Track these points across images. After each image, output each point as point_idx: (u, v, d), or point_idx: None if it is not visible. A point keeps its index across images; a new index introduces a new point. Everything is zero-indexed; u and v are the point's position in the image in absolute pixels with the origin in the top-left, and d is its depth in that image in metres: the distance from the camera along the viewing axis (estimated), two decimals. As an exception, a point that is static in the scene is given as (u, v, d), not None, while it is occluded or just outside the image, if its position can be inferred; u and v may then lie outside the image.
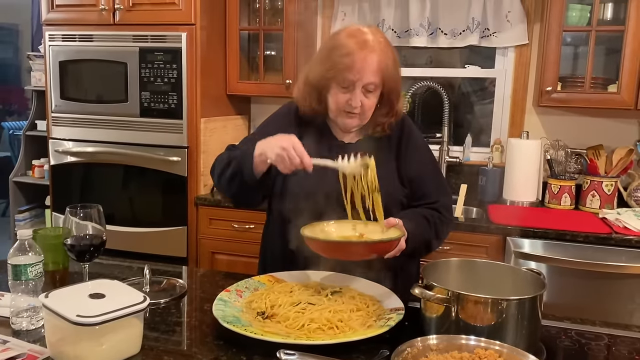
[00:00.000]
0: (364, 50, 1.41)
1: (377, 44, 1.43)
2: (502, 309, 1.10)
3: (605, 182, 2.62)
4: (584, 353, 1.18)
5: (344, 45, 1.43)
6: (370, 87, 1.44)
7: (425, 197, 1.57)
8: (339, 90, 1.46)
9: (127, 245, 2.76)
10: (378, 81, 1.44)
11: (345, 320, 1.19)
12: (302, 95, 1.55)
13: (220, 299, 1.29)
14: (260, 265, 1.69)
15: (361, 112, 1.47)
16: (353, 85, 1.43)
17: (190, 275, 1.66)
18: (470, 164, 2.93)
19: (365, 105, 1.46)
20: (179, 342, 1.18)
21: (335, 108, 1.49)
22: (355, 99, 1.44)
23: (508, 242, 2.33)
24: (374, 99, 1.48)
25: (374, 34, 1.45)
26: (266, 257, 1.67)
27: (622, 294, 2.20)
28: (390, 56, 1.46)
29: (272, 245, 1.64)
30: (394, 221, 1.37)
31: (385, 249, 1.32)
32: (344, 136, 1.58)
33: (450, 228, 1.60)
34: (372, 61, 1.41)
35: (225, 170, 1.49)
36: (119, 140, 2.78)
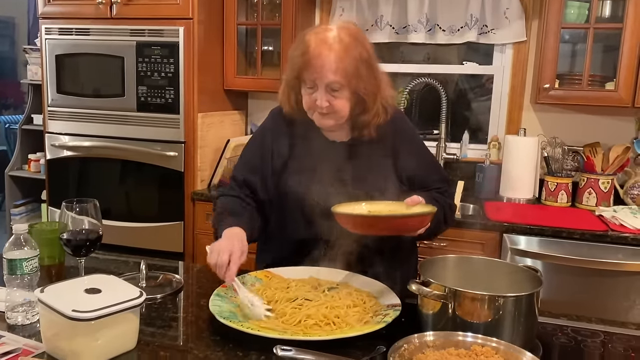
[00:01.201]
0: (321, 47, 1.38)
1: (338, 42, 1.38)
2: (499, 306, 1.10)
3: (602, 179, 2.62)
4: (580, 350, 1.18)
5: (303, 44, 1.41)
6: (334, 86, 1.40)
7: (428, 187, 1.58)
8: (306, 90, 1.45)
9: (124, 240, 2.75)
10: (341, 80, 1.39)
11: (342, 316, 1.19)
12: (284, 97, 1.55)
13: (217, 295, 1.29)
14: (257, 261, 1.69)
15: (331, 112, 1.44)
16: (315, 85, 1.41)
17: (186, 271, 1.66)
18: (467, 161, 2.93)
19: (335, 105, 1.42)
20: (175, 338, 1.17)
21: (307, 108, 1.48)
22: (321, 98, 1.41)
23: (504, 238, 2.33)
24: (342, 98, 1.42)
25: (339, 31, 1.40)
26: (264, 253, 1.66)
27: (618, 291, 2.21)
28: (355, 55, 1.39)
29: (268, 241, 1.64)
30: (418, 199, 1.36)
31: (418, 223, 1.33)
32: (333, 135, 1.56)
33: (453, 214, 1.61)
34: (330, 59, 1.37)
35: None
36: (115, 134, 2.77)
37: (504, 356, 1.01)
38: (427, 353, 1.03)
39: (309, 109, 1.47)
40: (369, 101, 1.45)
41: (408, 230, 1.35)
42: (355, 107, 1.45)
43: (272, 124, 1.63)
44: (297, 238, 1.52)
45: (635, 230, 2.24)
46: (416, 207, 1.36)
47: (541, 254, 2.26)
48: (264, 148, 1.59)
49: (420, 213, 1.31)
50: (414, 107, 3.17)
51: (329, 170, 1.51)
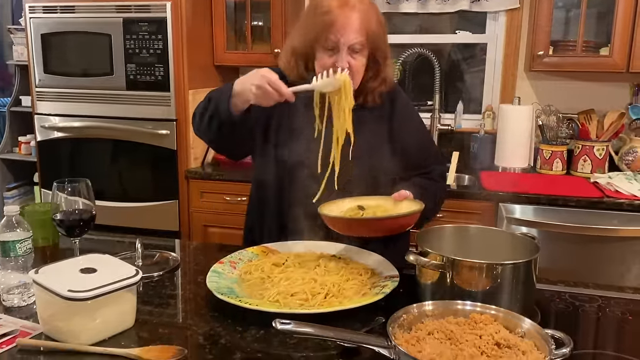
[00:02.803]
0: (345, 8, 1.39)
1: (359, 3, 1.40)
2: (497, 274, 1.09)
3: (597, 146, 2.62)
4: (578, 315, 1.19)
5: (323, 5, 1.40)
6: (356, 47, 1.41)
7: (420, 167, 1.57)
8: (324, 53, 1.43)
9: (119, 221, 2.74)
10: (363, 40, 1.40)
11: (339, 289, 1.18)
12: (290, 65, 1.51)
13: (214, 271, 1.28)
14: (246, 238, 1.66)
15: (350, 75, 1.43)
16: (337, 46, 1.40)
17: (183, 249, 1.65)
18: (461, 132, 2.92)
19: (353, 67, 1.42)
20: (174, 315, 1.17)
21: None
22: (342, 60, 1.40)
23: (500, 208, 2.33)
24: (362, 59, 1.44)
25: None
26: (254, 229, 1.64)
27: (613, 257, 2.22)
28: (374, 15, 1.43)
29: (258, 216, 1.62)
30: (406, 193, 1.36)
31: (408, 222, 1.33)
32: None
33: (445, 195, 1.60)
34: (354, 19, 1.38)
35: (204, 112, 1.45)
36: (105, 114, 2.74)
37: (502, 323, 1.01)
38: (426, 322, 1.02)
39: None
40: (381, 65, 1.48)
41: (396, 229, 1.34)
42: (368, 72, 1.48)
43: None
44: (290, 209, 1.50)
45: (630, 196, 2.25)
46: (404, 203, 1.36)
47: (537, 222, 2.26)
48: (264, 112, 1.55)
49: (408, 213, 1.31)
50: (407, 78, 3.14)
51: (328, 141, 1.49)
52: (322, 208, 1.34)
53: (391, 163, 1.53)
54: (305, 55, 1.47)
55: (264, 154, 1.54)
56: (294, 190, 1.46)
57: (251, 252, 1.42)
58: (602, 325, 1.16)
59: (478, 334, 0.99)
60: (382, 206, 1.39)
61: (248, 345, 1.03)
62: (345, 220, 1.31)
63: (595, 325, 1.16)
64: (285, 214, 1.51)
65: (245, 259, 1.38)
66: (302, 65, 1.49)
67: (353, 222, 1.30)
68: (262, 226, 1.60)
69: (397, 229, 1.33)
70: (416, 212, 1.30)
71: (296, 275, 1.24)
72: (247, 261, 1.37)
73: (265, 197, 1.58)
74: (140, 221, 2.75)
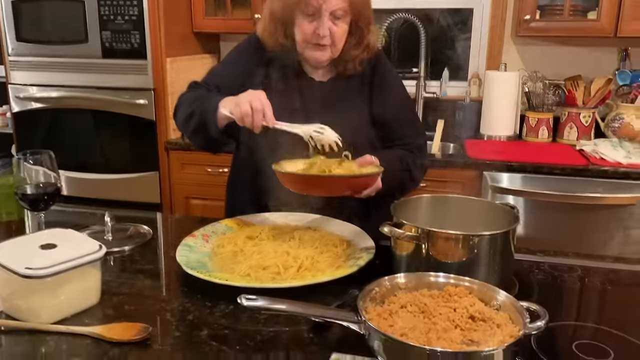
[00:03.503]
0: None
1: None
2: (473, 245, 1.06)
3: (583, 113, 2.58)
4: (556, 285, 1.16)
5: None
6: (338, 13, 1.35)
7: (399, 139, 1.51)
8: (305, 19, 1.37)
9: (98, 193, 2.70)
10: (346, 6, 1.34)
11: (312, 262, 1.15)
12: (268, 32, 1.45)
13: (186, 245, 1.24)
14: (227, 210, 1.64)
15: (331, 42, 1.38)
16: (319, 12, 1.34)
17: (159, 222, 1.60)
18: (447, 99, 2.87)
19: (335, 34, 1.37)
20: (142, 290, 1.13)
21: (302, 40, 1.40)
22: (323, 27, 1.34)
23: (485, 177, 2.30)
24: (343, 26, 1.38)
25: None
26: (234, 200, 1.61)
27: (598, 225, 2.21)
28: None
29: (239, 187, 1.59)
30: (370, 158, 1.31)
31: (362, 184, 1.27)
32: (315, 73, 1.50)
33: (424, 170, 1.55)
34: None
35: (189, 121, 1.38)
36: (81, 83, 2.65)
37: (477, 295, 0.99)
38: (400, 295, 1.00)
39: (305, 40, 1.39)
40: (365, 32, 1.42)
41: (350, 191, 1.28)
42: (350, 39, 1.42)
43: (248, 52, 1.52)
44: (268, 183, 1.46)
45: (615, 163, 2.23)
46: (367, 168, 1.30)
47: (522, 190, 2.24)
48: (236, 74, 1.49)
49: (360, 174, 1.26)
50: (392, 45, 3.06)
51: (307, 111, 1.44)
52: (277, 165, 1.28)
53: (369, 132, 1.49)
54: (285, 21, 1.41)
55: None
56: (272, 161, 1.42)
57: (225, 224, 1.38)
58: (581, 296, 1.14)
59: (452, 306, 0.96)
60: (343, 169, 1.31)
61: (216, 321, 1.00)
62: (295, 176, 1.24)
63: (574, 296, 1.14)
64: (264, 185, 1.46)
65: (219, 231, 1.34)
66: (282, 32, 1.43)
67: (302, 179, 1.24)
68: (242, 198, 1.57)
69: (352, 190, 1.27)
70: (371, 174, 1.25)
71: (269, 248, 1.20)
72: (221, 234, 1.33)
73: (244, 168, 1.54)
74: (120, 193, 2.70)
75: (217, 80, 1.50)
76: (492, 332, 0.90)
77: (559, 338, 0.98)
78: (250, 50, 1.52)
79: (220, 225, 1.37)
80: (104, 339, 0.93)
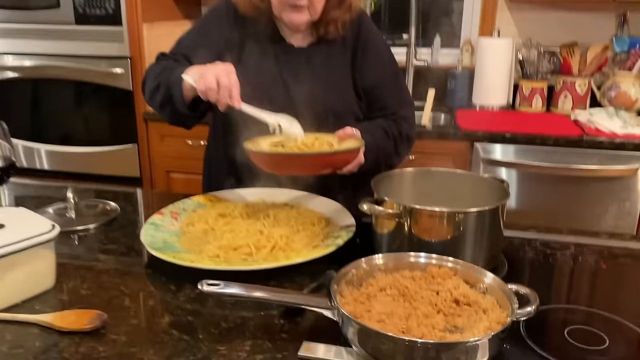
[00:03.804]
0: None
1: None
2: (459, 222, 0.98)
3: (579, 81, 2.49)
4: (548, 265, 1.09)
5: None
6: None
7: (384, 109, 1.41)
8: None
9: (75, 166, 2.60)
10: None
11: (288, 242, 1.07)
12: None
13: (152, 223, 1.16)
14: (204, 184, 1.56)
15: (309, 3, 1.27)
16: None
17: (138, 197, 1.50)
18: (438, 68, 2.76)
19: None
20: (102, 273, 1.04)
21: (278, 1, 1.29)
22: None
23: (476, 148, 2.21)
24: None
25: None
26: (211, 175, 1.53)
27: (591, 198, 2.14)
28: None
29: (216, 161, 1.50)
30: (350, 131, 1.22)
31: (343, 160, 1.17)
32: (293, 38, 1.39)
33: (411, 143, 1.45)
34: None
35: (155, 95, 1.30)
36: (54, 52, 2.52)
37: (462, 277, 0.91)
38: (379, 277, 0.92)
39: (281, 2, 1.29)
40: None
41: (329, 167, 1.17)
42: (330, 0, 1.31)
43: (220, 17, 1.41)
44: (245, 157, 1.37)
45: (610, 134, 2.14)
46: (347, 141, 1.21)
47: (514, 162, 2.16)
48: (207, 42, 1.39)
49: (340, 150, 1.15)
50: (382, 9, 2.93)
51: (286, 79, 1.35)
52: (250, 142, 1.18)
53: (352, 102, 1.39)
54: None
55: None
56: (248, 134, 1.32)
57: (196, 201, 1.29)
58: (574, 277, 1.07)
59: (435, 289, 0.89)
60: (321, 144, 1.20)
61: (180, 307, 0.92)
62: (267, 156, 1.13)
63: (566, 277, 1.07)
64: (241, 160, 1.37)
65: (190, 209, 1.25)
66: None
67: (275, 158, 1.12)
68: (218, 173, 1.48)
69: (332, 167, 1.17)
70: (351, 150, 1.15)
71: (242, 226, 1.12)
72: (191, 211, 1.24)
73: (219, 142, 1.45)
74: (98, 167, 2.60)
75: (186, 50, 1.40)
76: (477, 317, 0.83)
77: (550, 323, 0.91)
78: (222, 14, 1.40)
79: (191, 202, 1.28)
80: (53, 327, 0.85)
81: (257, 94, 1.32)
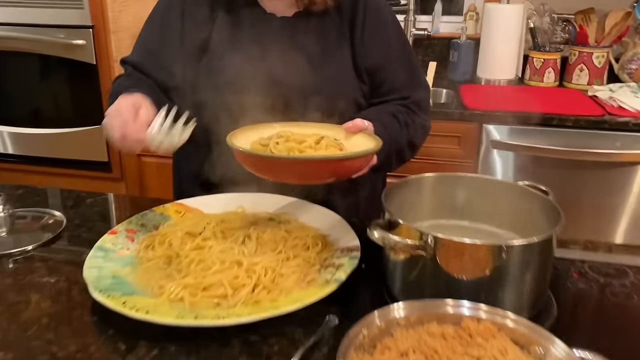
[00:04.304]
0: None
1: None
2: (499, 257, 0.74)
3: (596, 53, 2.24)
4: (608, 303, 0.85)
5: None
6: None
7: (393, 92, 1.16)
8: None
9: (36, 150, 2.32)
10: None
11: (275, 278, 0.82)
12: None
13: (101, 248, 0.91)
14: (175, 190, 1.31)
15: None
16: None
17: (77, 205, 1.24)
18: (440, 37, 2.49)
19: None
20: (30, 323, 0.79)
21: None
22: None
23: (484, 130, 1.97)
24: None
25: None
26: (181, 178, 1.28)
27: (613, 185, 1.92)
28: None
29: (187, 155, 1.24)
30: (362, 124, 0.97)
31: (355, 167, 0.90)
32: (274, 6, 1.13)
33: (427, 133, 1.21)
34: None
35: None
36: (4, 20, 2.21)
37: (510, 335, 0.68)
38: (398, 336, 0.68)
39: None
40: None
41: (336, 175, 0.89)
42: None
43: None
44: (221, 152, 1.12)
45: (636, 113, 1.91)
46: (357, 137, 0.95)
47: (527, 146, 1.92)
48: (168, 27, 1.14)
49: (352, 155, 0.88)
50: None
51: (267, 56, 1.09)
52: (233, 135, 0.92)
53: (350, 85, 1.14)
54: None
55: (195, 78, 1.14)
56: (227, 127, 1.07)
57: (160, 213, 1.04)
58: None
59: (475, 355, 0.66)
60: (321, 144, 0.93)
61: (129, 380, 0.68)
62: (252, 157, 0.87)
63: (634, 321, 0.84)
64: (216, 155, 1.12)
65: (150, 224, 1.00)
66: None
67: (268, 162, 0.86)
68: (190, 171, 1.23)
69: (335, 175, 0.89)
70: (367, 153, 0.88)
71: (214, 254, 0.87)
72: (152, 228, 0.99)
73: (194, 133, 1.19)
74: (62, 150, 2.33)
75: (151, 45, 1.17)
76: (535, 399, 0.60)
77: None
78: None
79: (154, 215, 1.03)
80: None
81: (235, 78, 1.07)
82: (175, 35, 1.14)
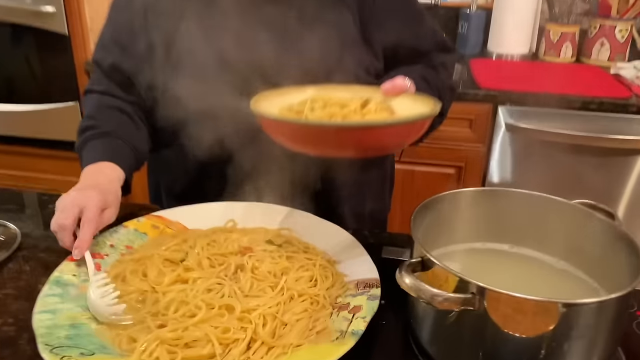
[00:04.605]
0: None
1: None
2: (566, 316, 0.58)
3: (619, 26, 2.05)
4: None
5: None
6: None
7: (418, 57, 1.02)
8: None
9: (4, 129, 2.12)
10: None
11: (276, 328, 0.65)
12: None
13: (57, 283, 0.73)
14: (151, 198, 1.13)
15: None
16: None
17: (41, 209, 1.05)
18: (447, 6, 2.29)
19: None
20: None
21: None
22: None
23: (499, 112, 1.79)
24: None
25: None
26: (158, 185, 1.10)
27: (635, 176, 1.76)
28: None
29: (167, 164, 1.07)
30: (402, 82, 0.78)
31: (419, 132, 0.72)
32: None
33: (454, 96, 1.08)
34: None
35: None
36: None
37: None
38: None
39: None
40: None
41: (397, 144, 0.76)
42: None
43: None
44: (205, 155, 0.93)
45: (666, 96, 1.74)
46: (401, 98, 0.78)
47: (545, 131, 1.75)
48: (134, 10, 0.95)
49: (413, 118, 0.71)
50: None
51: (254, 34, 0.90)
52: (259, 100, 0.75)
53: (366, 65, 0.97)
54: None
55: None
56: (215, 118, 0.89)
57: (134, 229, 0.86)
58: None
59: None
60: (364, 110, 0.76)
61: None
62: (290, 125, 0.71)
63: None
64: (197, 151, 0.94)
65: (122, 245, 0.82)
66: None
67: (303, 131, 0.69)
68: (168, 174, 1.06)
69: (395, 145, 0.77)
70: (426, 117, 0.70)
71: (199, 292, 0.69)
72: (124, 249, 0.81)
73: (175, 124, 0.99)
74: (31, 129, 2.12)
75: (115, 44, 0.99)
76: None
77: None
78: None
79: (126, 232, 0.85)
80: None
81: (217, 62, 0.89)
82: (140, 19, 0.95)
